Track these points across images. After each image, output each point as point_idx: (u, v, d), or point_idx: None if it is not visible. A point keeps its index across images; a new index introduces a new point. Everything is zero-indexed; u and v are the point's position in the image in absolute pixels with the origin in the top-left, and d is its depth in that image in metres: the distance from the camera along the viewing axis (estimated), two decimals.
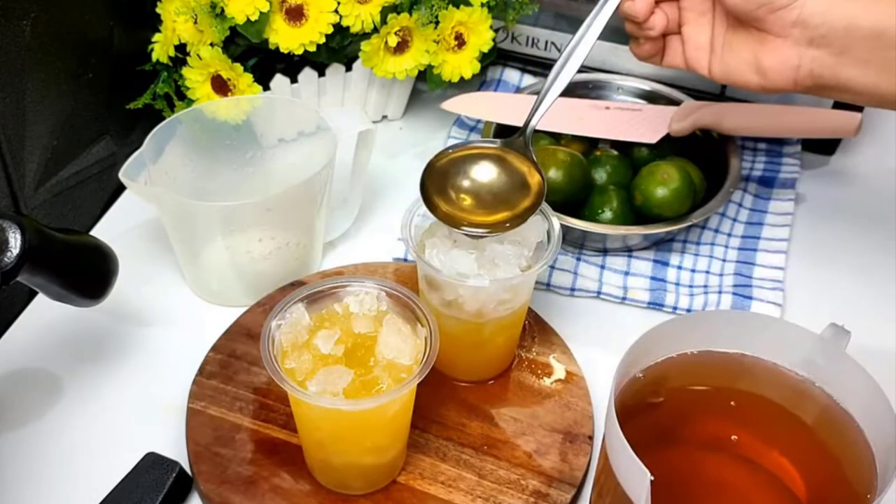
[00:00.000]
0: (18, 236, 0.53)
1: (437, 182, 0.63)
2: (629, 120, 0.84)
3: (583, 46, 0.64)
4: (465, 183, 0.63)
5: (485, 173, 0.64)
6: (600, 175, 0.79)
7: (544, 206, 0.64)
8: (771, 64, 0.63)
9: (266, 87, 0.83)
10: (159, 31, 0.82)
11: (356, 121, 0.73)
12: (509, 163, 0.64)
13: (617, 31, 0.88)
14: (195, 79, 0.79)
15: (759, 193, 0.83)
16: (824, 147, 0.89)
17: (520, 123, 0.65)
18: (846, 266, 0.78)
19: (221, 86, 0.79)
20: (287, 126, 0.79)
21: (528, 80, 0.94)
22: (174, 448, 0.62)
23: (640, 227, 0.75)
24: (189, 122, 0.73)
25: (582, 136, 0.83)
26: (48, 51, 0.72)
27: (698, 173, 0.78)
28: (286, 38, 0.78)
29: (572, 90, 0.87)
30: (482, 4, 0.83)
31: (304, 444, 0.60)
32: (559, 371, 0.67)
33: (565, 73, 0.64)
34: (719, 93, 0.88)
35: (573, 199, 0.76)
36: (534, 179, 0.63)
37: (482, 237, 0.62)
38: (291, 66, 0.84)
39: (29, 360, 0.69)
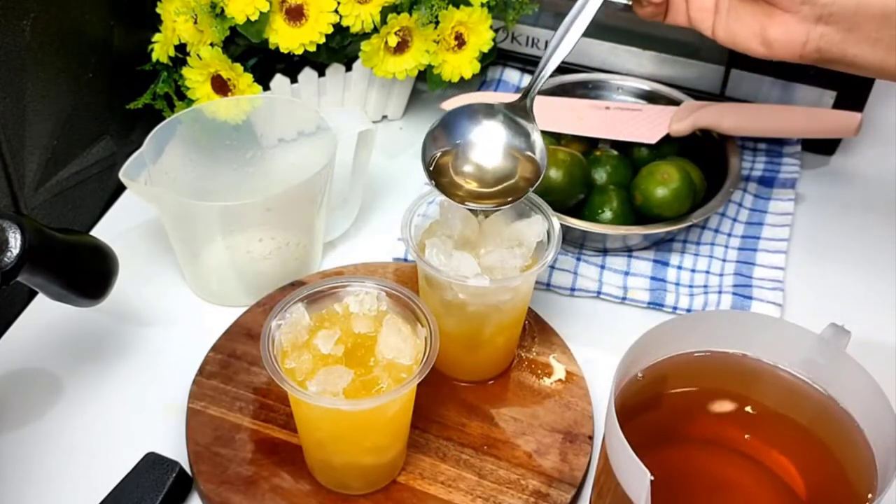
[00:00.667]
0: (18, 236, 0.53)
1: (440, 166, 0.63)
2: (629, 120, 0.84)
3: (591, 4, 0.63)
4: (467, 167, 0.63)
5: (487, 155, 0.64)
6: (600, 175, 0.79)
7: (544, 206, 0.64)
8: (777, 37, 0.63)
9: (266, 87, 0.83)
10: (159, 31, 0.82)
11: (356, 121, 0.73)
12: (510, 135, 0.64)
13: (617, 31, 0.89)
14: (195, 79, 0.79)
15: (759, 193, 0.83)
16: (824, 147, 0.89)
17: None
18: (846, 266, 0.78)
19: (221, 86, 0.79)
20: (287, 126, 0.79)
21: (528, 80, 0.94)
22: (174, 448, 0.62)
23: (640, 227, 0.75)
24: (189, 122, 0.73)
25: (582, 136, 0.83)
26: (48, 51, 0.72)
27: (698, 173, 0.78)
28: (286, 38, 0.78)
29: (572, 90, 0.88)
30: (482, 4, 0.83)
31: (304, 444, 0.60)
32: (559, 371, 0.67)
33: (575, 29, 0.63)
34: (719, 93, 0.89)
35: (573, 199, 0.76)
36: (536, 148, 0.63)
37: (487, 211, 0.62)
38: (291, 66, 0.84)
39: (29, 360, 0.69)
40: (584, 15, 0.63)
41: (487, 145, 0.64)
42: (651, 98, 0.87)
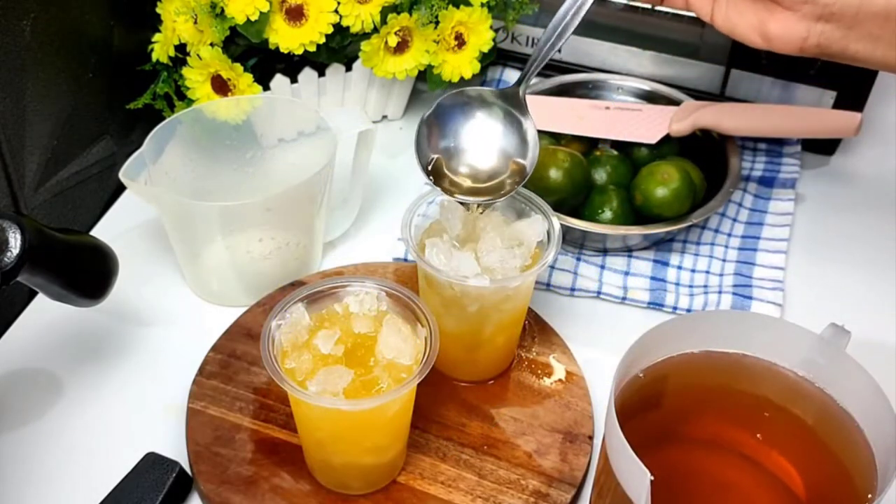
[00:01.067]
0: (18, 236, 0.53)
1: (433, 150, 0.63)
2: (629, 120, 0.84)
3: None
4: (460, 162, 0.63)
5: (479, 149, 0.63)
6: (600, 175, 0.79)
7: (544, 206, 0.64)
8: (777, 33, 0.62)
9: (266, 87, 0.83)
10: (159, 31, 0.82)
11: (356, 121, 0.73)
12: (503, 126, 0.63)
13: (617, 32, 0.89)
14: (195, 79, 0.79)
15: (759, 193, 0.83)
16: (824, 147, 0.89)
17: None
18: (846, 266, 0.78)
19: (221, 86, 0.79)
20: (287, 126, 0.79)
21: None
22: (174, 448, 0.62)
23: (640, 227, 0.75)
24: (189, 122, 0.73)
25: (582, 136, 0.83)
26: (48, 51, 0.72)
27: (698, 173, 0.78)
28: (286, 38, 0.78)
29: (572, 90, 0.88)
30: (482, 4, 0.83)
31: (304, 444, 0.60)
32: (559, 371, 0.67)
33: (572, 19, 0.62)
34: (719, 93, 0.89)
35: (573, 199, 0.76)
36: (528, 138, 0.62)
37: (482, 205, 0.62)
38: (291, 66, 0.84)
39: (29, 360, 0.69)
40: (582, 3, 0.62)
41: (480, 139, 0.63)
42: (651, 98, 0.87)
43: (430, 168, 0.62)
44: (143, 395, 0.67)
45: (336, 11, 0.78)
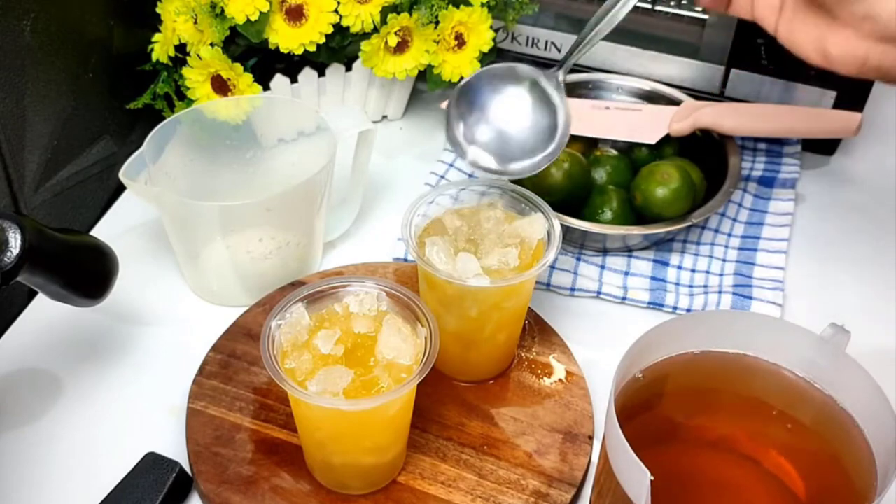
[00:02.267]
0: (18, 236, 0.53)
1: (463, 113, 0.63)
2: (629, 120, 0.84)
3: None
4: (488, 134, 0.64)
5: (510, 120, 0.64)
6: (600, 175, 0.79)
7: (544, 206, 0.64)
8: (837, 52, 0.59)
9: (266, 87, 0.83)
10: (159, 31, 0.82)
11: (356, 121, 0.73)
12: (537, 103, 0.64)
13: (617, 32, 0.89)
14: (195, 79, 0.79)
15: (759, 193, 0.83)
16: (824, 147, 0.89)
17: None
18: (846, 266, 0.78)
19: (221, 86, 0.79)
20: (287, 126, 0.79)
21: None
22: (174, 448, 0.62)
23: (640, 227, 0.75)
24: (189, 122, 0.73)
25: (582, 136, 0.83)
26: (48, 51, 0.72)
27: (698, 173, 0.78)
28: (286, 38, 0.78)
29: (572, 90, 0.88)
30: (482, 4, 0.83)
31: (304, 444, 0.60)
32: (559, 371, 0.67)
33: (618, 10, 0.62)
34: (719, 93, 0.89)
35: (573, 199, 0.76)
36: (560, 120, 0.63)
37: (500, 175, 0.63)
38: (291, 66, 0.84)
39: (29, 360, 0.69)
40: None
41: (509, 119, 0.64)
42: (651, 98, 0.87)
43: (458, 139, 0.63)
44: (143, 395, 0.67)
45: (336, 11, 0.78)
